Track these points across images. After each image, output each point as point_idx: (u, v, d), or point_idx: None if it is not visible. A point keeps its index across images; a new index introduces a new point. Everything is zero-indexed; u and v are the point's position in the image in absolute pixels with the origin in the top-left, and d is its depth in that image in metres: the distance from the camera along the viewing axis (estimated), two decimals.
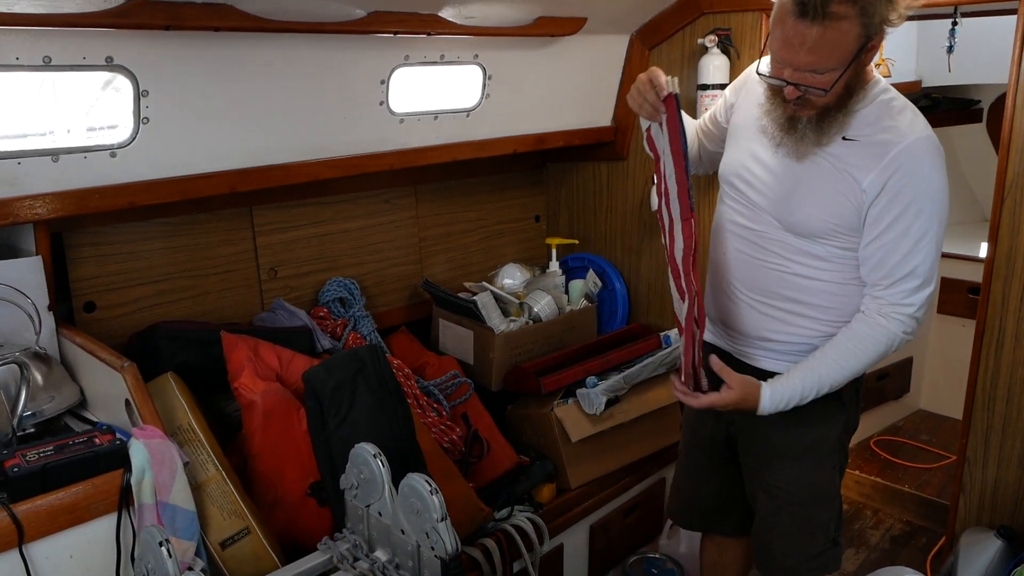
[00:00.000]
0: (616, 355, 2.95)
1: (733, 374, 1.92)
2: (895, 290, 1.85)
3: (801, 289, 1.97)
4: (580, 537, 2.84)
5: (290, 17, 2.11)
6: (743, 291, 2.06)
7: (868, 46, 1.72)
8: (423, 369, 2.87)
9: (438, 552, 1.67)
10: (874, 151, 1.79)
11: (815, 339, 1.99)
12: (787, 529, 2.11)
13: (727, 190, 2.10)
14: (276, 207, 2.77)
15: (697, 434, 2.33)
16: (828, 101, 1.79)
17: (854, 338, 1.90)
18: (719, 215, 2.15)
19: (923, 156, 1.77)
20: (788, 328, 2.01)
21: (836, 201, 1.85)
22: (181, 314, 2.59)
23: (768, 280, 2.00)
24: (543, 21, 2.68)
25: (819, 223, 1.88)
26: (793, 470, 2.08)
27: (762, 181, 1.97)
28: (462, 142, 2.86)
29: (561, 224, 3.66)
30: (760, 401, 1.91)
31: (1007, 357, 2.58)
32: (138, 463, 1.71)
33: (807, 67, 1.72)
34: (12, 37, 1.80)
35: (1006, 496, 2.68)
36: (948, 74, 3.50)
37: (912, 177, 1.77)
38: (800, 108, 1.82)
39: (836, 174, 1.84)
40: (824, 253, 1.92)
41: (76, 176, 2.04)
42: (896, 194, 1.77)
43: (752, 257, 2.03)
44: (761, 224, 1.99)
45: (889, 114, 1.82)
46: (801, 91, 1.77)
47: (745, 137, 2.04)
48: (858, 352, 1.89)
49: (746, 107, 2.06)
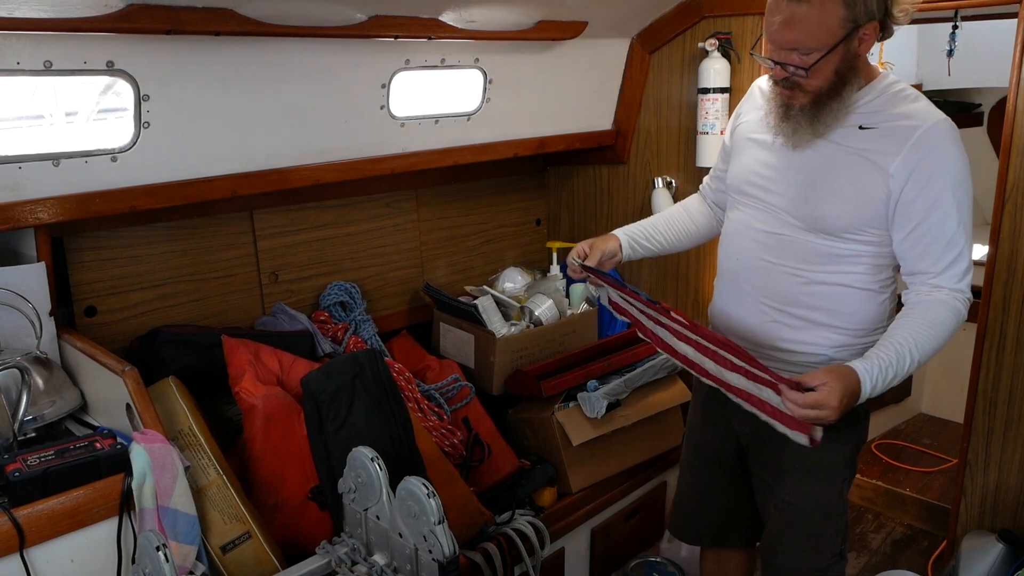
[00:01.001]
0: (617, 359, 2.95)
1: (814, 373, 1.70)
2: (948, 275, 1.80)
3: (820, 296, 1.92)
4: (581, 541, 2.84)
5: (291, 21, 2.12)
6: (758, 299, 2.00)
7: (858, 34, 1.73)
8: (424, 373, 2.87)
9: (436, 555, 1.67)
10: (896, 136, 1.77)
11: (831, 350, 1.94)
12: (794, 544, 2.08)
13: (740, 199, 2.06)
14: (277, 211, 2.78)
15: (707, 449, 2.26)
16: (819, 87, 1.78)
17: (932, 308, 1.78)
18: (732, 222, 2.09)
19: (947, 137, 1.76)
20: (804, 337, 1.95)
21: (862, 191, 1.81)
22: (182, 318, 2.59)
23: (786, 286, 1.95)
24: (544, 25, 2.69)
25: (845, 216, 1.84)
26: (804, 485, 2.04)
27: (776, 182, 1.95)
28: (463, 146, 2.87)
29: (562, 227, 3.66)
30: (861, 384, 1.69)
31: (1008, 360, 2.58)
32: (139, 467, 1.71)
33: (789, 45, 1.74)
34: (13, 41, 1.80)
35: (1007, 500, 2.67)
36: (948, 78, 3.51)
37: (941, 159, 1.75)
38: (793, 95, 1.83)
39: (859, 163, 1.81)
40: (847, 252, 1.88)
41: (77, 180, 2.04)
42: (929, 179, 1.75)
43: (769, 263, 1.97)
44: (780, 227, 1.94)
45: (904, 102, 1.81)
46: (788, 72, 1.78)
47: (751, 143, 2.03)
48: (943, 319, 1.76)
49: (749, 116, 2.06)
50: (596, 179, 3.49)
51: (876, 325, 1.95)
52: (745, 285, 2.03)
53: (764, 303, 1.99)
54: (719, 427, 2.18)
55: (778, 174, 1.94)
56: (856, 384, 1.68)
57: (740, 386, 1.80)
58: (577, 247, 2.11)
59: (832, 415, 1.65)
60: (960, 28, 2.89)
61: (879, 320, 1.95)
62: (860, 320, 1.93)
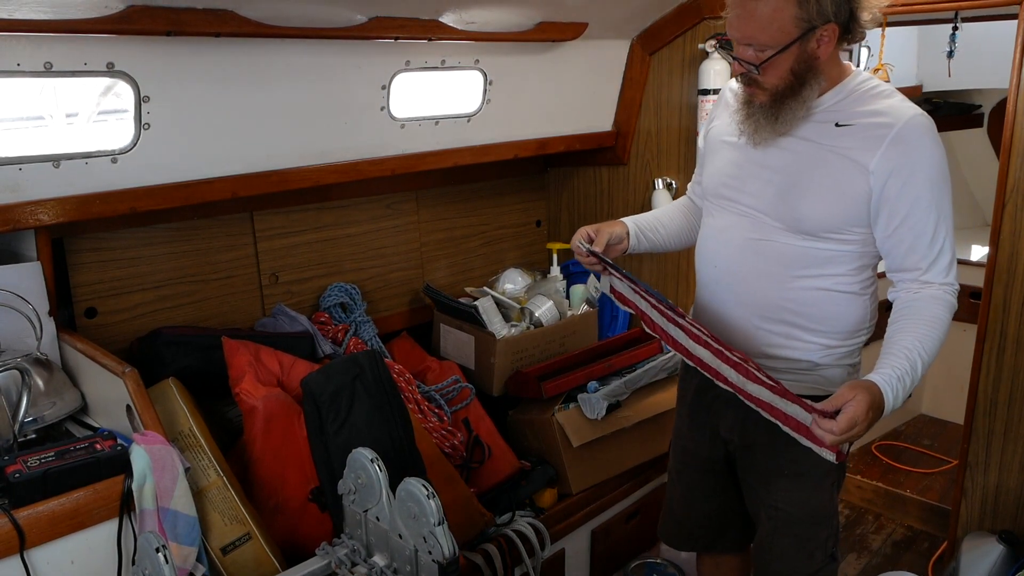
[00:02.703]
0: (617, 360, 2.95)
1: (839, 393, 1.66)
2: (936, 270, 1.80)
3: (803, 302, 1.90)
4: (581, 542, 2.84)
5: (291, 23, 2.12)
6: (741, 307, 1.97)
7: (815, 35, 1.73)
8: (424, 374, 2.87)
9: (436, 556, 1.67)
10: (874, 132, 1.77)
11: (816, 355, 1.93)
12: (785, 550, 2.07)
13: (715, 203, 2.03)
14: (277, 212, 2.78)
15: (695, 456, 2.24)
16: (775, 85, 1.79)
17: (927, 307, 1.77)
18: (708, 228, 2.06)
19: (925, 132, 1.77)
20: (789, 344, 1.93)
21: (842, 189, 1.81)
22: (182, 319, 2.59)
23: (768, 293, 1.92)
24: (544, 26, 2.69)
25: (826, 215, 1.82)
26: (794, 491, 2.02)
27: (748, 182, 1.93)
28: (463, 147, 2.87)
29: (562, 229, 3.66)
30: (884, 398, 1.66)
31: (1008, 361, 2.58)
32: (139, 469, 1.71)
33: (744, 40, 1.76)
34: (13, 43, 1.80)
35: (1008, 501, 2.67)
36: (949, 79, 3.51)
37: (921, 154, 1.76)
38: (753, 92, 1.84)
39: (838, 161, 1.81)
40: (829, 255, 1.86)
41: (77, 182, 2.04)
42: (910, 174, 1.75)
43: (749, 269, 1.94)
44: (758, 230, 1.92)
45: (877, 99, 1.82)
46: (744, 68, 1.79)
47: (724, 145, 2.02)
48: (940, 316, 1.76)
49: (721, 118, 2.06)
50: (596, 180, 3.50)
51: (859, 327, 1.94)
52: (725, 294, 2.00)
53: (747, 311, 1.96)
54: (706, 433, 2.16)
55: (751, 175, 1.93)
56: (879, 397, 1.66)
57: (763, 398, 1.77)
58: (582, 230, 2.05)
59: (862, 430, 1.63)
60: (960, 29, 2.89)
61: (862, 322, 1.94)
62: (844, 324, 1.92)
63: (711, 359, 1.86)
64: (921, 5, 2.58)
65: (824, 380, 1.95)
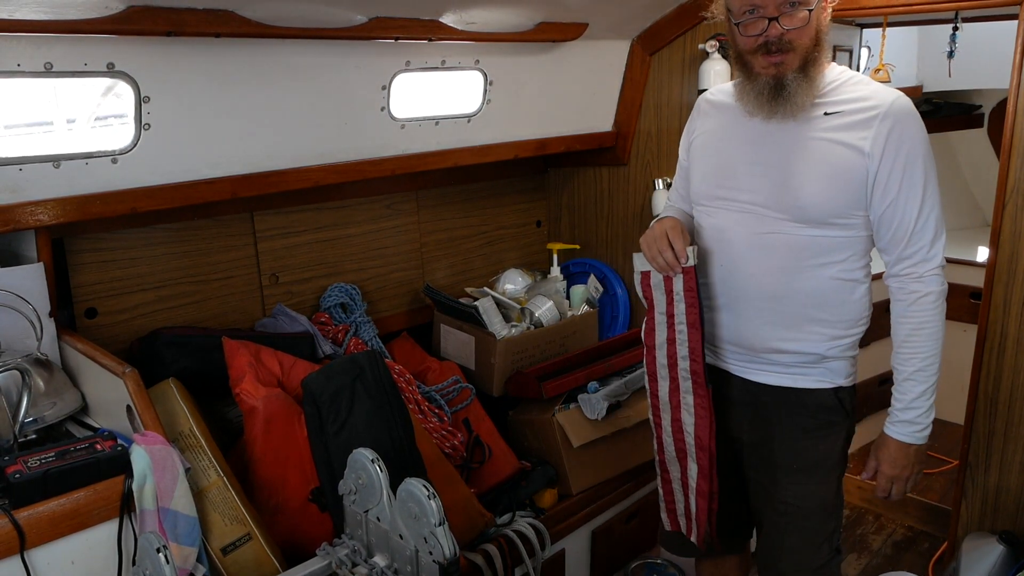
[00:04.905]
0: (618, 360, 2.95)
1: (870, 461, 2.04)
2: (917, 245, 1.88)
3: (810, 291, 1.93)
4: (582, 542, 2.84)
5: (291, 23, 2.12)
6: (751, 301, 1.99)
7: (823, 2, 1.82)
8: (424, 374, 2.87)
9: (436, 557, 1.67)
10: (863, 116, 1.84)
11: (823, 346, 1.96)
12: (795, 545, 2.09)
13: (712, 205, 2.04)
14: (277, 212, 2.78)
15: None
16: (807, 47, 1.82)
17: (918, 315, 1.91)
18: (710, 229, 2.06)
19: (909, 113, 1.85)
20: (799, 335, 1.96)
21: (841, 173, 1.85)
22: (183, 320, 2.59)
23: (779, 285, 1.95)
24: (544, 26, 2.69)
25: (828, 200, 1.87)
26: (803, 485, 2.05)
27: (750, 180, 1.95)
28: (463, 147, 2.87)
29: (562, 229, 3.67)
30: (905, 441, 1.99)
31: (1009, 362, 2.58)
32: (139, 469, 1.71)
33: None
34: (13, 43, 1.80)
35: (1008, 501, 2.67)
36: (949, 79, 3.51)
37: (907, 133, 1.84)
38: (784, 60, 1.83)
39: (833, 147, 1.86)
40: (833, 243, 1.90)
41: (78, 182, 2.05)
42: (897, 152, 1.83)
43: (757, 263, 1.96)
44: (762, 224, 1.94)
45: (858, 86, 1.89)
46: (778, 30, 1.80)
47: (713, 151, 2.05)
48: (933, 330, 1.93)
49: (705, 126, 2.09)
50: (596, 181, 3.50)
51: (861, 315, 2.00)
52: (735, 291, 2.02)
53: (756, 305, 1.99)
54: None
55: (743, 172, 1.97)
56: (893, 442, 1.98)
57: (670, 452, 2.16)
58: (652, 244, 2.00)
59: (910, 471, 2.00)
60: (960, 29, 2.89)
61: (864, 310, 2.00)
62: (849, 312, 1.97)
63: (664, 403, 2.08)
64: (921, 5, 2.58)
65: (829, 373, 2.01)
